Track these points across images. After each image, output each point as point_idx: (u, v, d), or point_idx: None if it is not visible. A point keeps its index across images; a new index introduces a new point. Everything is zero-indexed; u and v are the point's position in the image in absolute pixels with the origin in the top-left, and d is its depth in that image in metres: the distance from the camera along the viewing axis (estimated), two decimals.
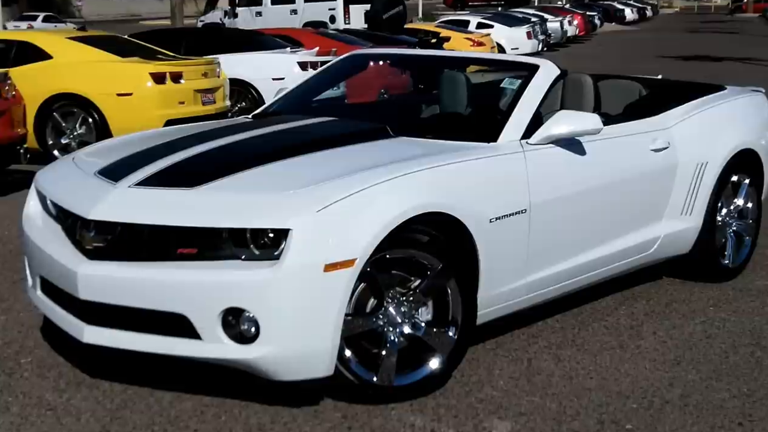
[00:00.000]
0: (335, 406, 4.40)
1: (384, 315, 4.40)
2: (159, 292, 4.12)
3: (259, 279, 3.99)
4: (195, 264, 4.12)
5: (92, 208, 4.31)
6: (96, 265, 4.27)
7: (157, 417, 4.30)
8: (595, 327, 5.52)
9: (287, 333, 4.05)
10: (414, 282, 4.46)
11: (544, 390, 4.63)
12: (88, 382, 4.64)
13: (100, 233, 4.31)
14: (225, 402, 4.44)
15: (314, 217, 4.02)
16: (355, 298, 4.26)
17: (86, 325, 4.34)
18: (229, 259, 4.10)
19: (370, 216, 4.13)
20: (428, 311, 4.54)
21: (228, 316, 4.08)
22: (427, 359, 4.51)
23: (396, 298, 4.42)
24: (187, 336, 4.14)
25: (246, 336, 4.10)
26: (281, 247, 4.01)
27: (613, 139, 5.47)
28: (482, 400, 4.51)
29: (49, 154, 10.84)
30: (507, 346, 5.18)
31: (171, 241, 4.17)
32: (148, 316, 4.17)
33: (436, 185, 4.44)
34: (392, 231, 4.18)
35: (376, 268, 4.26)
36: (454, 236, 4.51)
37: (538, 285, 5.07)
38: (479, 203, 4.58)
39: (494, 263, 4.70)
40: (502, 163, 4.81)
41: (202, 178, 4.36)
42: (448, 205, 4.42)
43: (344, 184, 4.19)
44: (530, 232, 4.86)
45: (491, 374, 4.80)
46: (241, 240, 4.08)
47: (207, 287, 4.06)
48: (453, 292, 4.52)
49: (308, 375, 4.16)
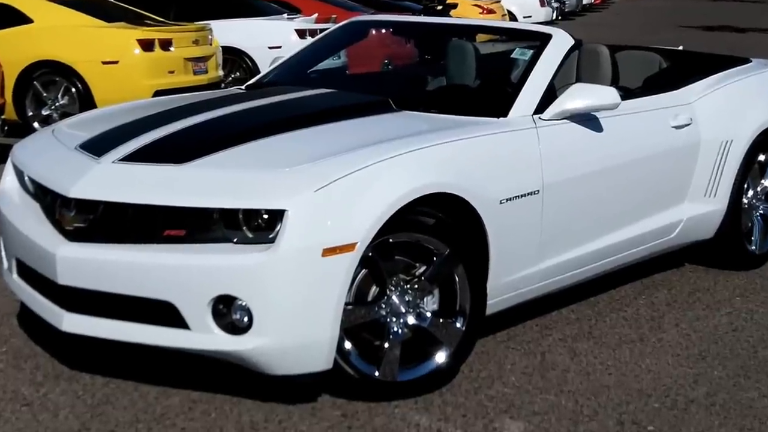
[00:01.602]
0: (334, 403, 4.32)
1: (387, 304, 4.31)
2: (144, 277, 4.03)
3: (252, 264, 3.90)
4: (183, 247, 4.02)
5: (73, 185, 4.22)
6: (76, 247, 4.17)
7: (142, 414, 4.21)
8: (613, 318, 5.43)
9: (283, 323, 3.96)
10: (419, 269, 4.37)
11: (559, 387, 4.55)
12: (68, 375, 4.55)
13: (81, 212, 4.21)
14: (215, 398, 4.35)
15: (312, 197, 3.92)
16: (355, 286, 4.18)
17: (66, 313, 4.25)
18: (219, 243, 4.00)
19: (373, 196, 4.04)
20: (434, 300, 4.45)
21: (219, 305, 3.99)
22: (432, 352, 4.42)
23: (399, 286, 4.33)
24: (175, 325, 4.04)
25: (238, 326, 4.00)
26: (276, 229, 3.91)
27: (631, 115, 5.37)
28: (492, 397, 4.42)
29: (29, 125, 10.71)
30: (519, 339, 5.10)
31: (157, 222, 4.07)
32: (132, 303, 4.08)
33: (442, 164, 4.35)
34: (396, 213, 4.08)
35: (379, 253, 4.17)
36: (462, 219, 4.41)
37: (552, 272, 4.98)
38: (489, 183, 4.49)
39: (505, 248, 4.61)
40: (513, 140, 4.72)
41: (192, 154, 4.27)
42: (456, 185, 4.32)
43: (344, 162, 4.09)
44: (543, 215, 4.77)
45: (502, 369, 4.72)
46: (233, 221, 3.99)
47: (196, 272, 3.96)
48: (461, 279, 4.43)
49: (305, 369, 4.07)
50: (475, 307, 4.49)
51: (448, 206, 4.35)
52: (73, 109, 10.49)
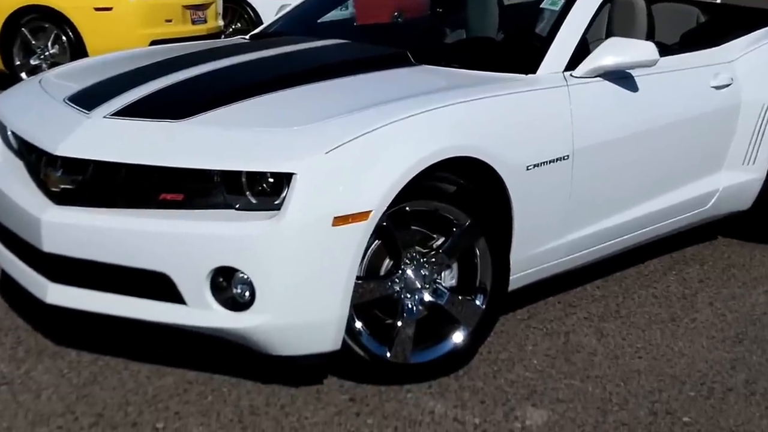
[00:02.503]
0: (341, 387, 4.10)
1: (401, 279, 4.09)
2: (137, 245, 3.80)
3: (255, 233, 3.66)
4: (180, 213, 3.78)
5: (60, 142, 3.98)
6: (63, 212, 3.94)
7: (132, 395, 4.00)
8: (642, 295, 5.21)
9: (287, 299, 3.73)
10: (437, 240, 4.15)
11: (586, 371, 4.33)
12: (52, 351, 4.33)
13: (68, 173, 3.98)
14: (212, 378, 4.14)
15: (322, 160, 3.67)
16: (367, 259, 3.96)
17: (50, 283, 4.03)
18: (220, 209, 3.77)
19: (389, 160, 3.79)
20: (452, 275, 4.23)
21: (218, 278, 3.76)
22: (449, 332, 4.21)
23: (415, 260, 4.11)
24: (169, 299, 3.82)
25: (239, 301, 3.78)
26: (282, 195, 3.67)
27: (669, 74, 5.11)
28: (513, 382, 4.20)
29: (16, 76, 10.51)
30: (540, 317, 4.88)
31: (153, 185, 3.83)
32: (123, 274, 3.84)
33: (466, 125, 4.10)
34: (414, 178, 3.84)
35: (394, 223, 3.95)
36: (484, 187, 4.18)
37: (579, 245, 4.76)
38: (515, 147, 4.24)
39: (530, 219, 4.38)
40: (542, 100, 4.46)
41: (191, 109, 4.02)
42: (480, 149, 4.08)
43: (359, 121, 3.84)
44: (573, 183, 4.53)
45: (523, 351, 4.50)
46: (235, 185, 3.75)
47: (194, 242, 3.72)
48: (482, 253, 4.20)
49: (311, 349, 3.85)
50: (497, 284, 4.26)
51: (471, 172, 4.11)
52: (63, 59, 10.28)
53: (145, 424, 3.80)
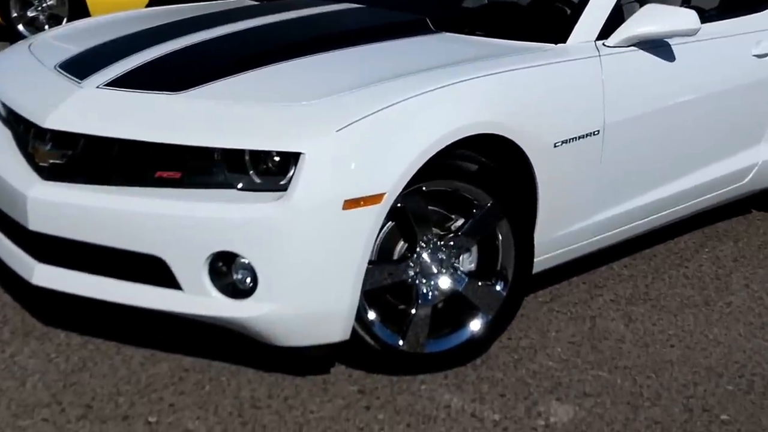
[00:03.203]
0: (350, 377, 3.89)
1: (416, 263, 3.86)
2: (130, 226, 3.57)
3: (259, 216, 3.43)
4: (177, 193, 3.55)
5: (49, 113, 3.75)
6: (51, 188, 3.72)
7: (123, 384, 3.79)
8: (673, 276, 4.97)
9: (293, 287, 3.50)
10: (456, 222, 3.93)
11: (614, 361, 4.11)
12: (40, 333, 4.13)
13: (57, 147, 3.75)
14: (210, 366, 3.92)
15: (333, 138, 3.44)
16: (380, 241, 3.74)
17: (37, 264, 3.82)
18: (221, 188, 3.53)
19: (406, 138, 3.55)
20: (472, 259, 4.01)
21: (217, 262, 3.54)
22: (467, 320, 3.99)
23: (432, 242, 3.88)
24: (164, 285, 3.60)
25: (239, 288, 3.56)
26: (289, 175, 3.44)
27: (707, 42, 4.84)
28: (536, 373, 3.98)
29: (13, 28, 10.31)
30: (564, 299, 4.65)
31: (148, 162, 3.60)
32: (114, 256, 3.62)
33: (489, 100, 3.84)
34: (432, 158, 3.61)
35: (410, 204, 3.72)
36: (508, 165, 3.94)
37: (609, 225, 4.53)
38: (543, 123, 3.99)
39: (557, 199, 4.15)
40: (572, 71, 4.19)
41: (191, 80, 3.79)
42: (504, 126, 3.84)
43: (373, 95, 3.60)
44: (603, 160, 4.28)
45: (546, 338, 4.27)
46: (237, 164, 3.51)
47: (191, 224, 3.49)
48: (504, 235, 3.97)
49: (318, 340, 3.64)
50: (520, 268, 4.03)
51: (494, 150, 3.87)
52: (61, 12, 10.14)
53: (137, 417, 3.60)
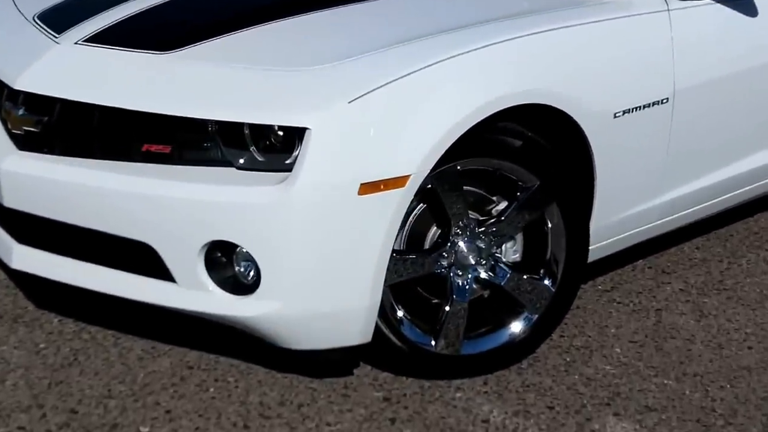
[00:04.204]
0: (374, 381, 3.46)
1: (450, 253, 3.40)
2: (113, 207, 3.14)
3: (260, 202, 2.98)
4: (167, 170, 3.11)
5: (21, 72, 3.32)
6: (25, 160, 3.30)
7: (116, 384, 3.39)
8: (751, 260, 4.46)
9: (301, 282, 3.07)
10: (497, 205, 3.47)
11: (682, 366, 3.63)
12: (30, 318, 3.74)
13: (31, 112, 3.32)
14: (217, 363, 3.51)
15: (345, 111, 2.97)
16: (409, 227, 3.32)
17: (16, 244, 3.43)
18: (217, 165, 3.09)
19: (435, 110, 3.08)
20: (515, 249, 3.57)
21: (214, 252, 3.11)
22: (509, 319, 3.55)
23: (469, 229, 3.41)
24: (155, 275, 3.18)
25: (241, 282, 3.14)
26: (295, 153, 2.99)
27: None
28: (590, 380, 3.52)
29: None
30: (626, 288, 4.16)
31: (133, 133, 3.16)
32: (99, 240, 3.20)
33: (536, 63, 3.35)
34: (467, 132, 3.13)
35: (442, 184, 3.26)
36: (560, 140, 3.46)
37: (676, 206, 4.04)
38: (601, 90, 3.50)
39: (617, 177, 3.66)
40: (636, 29, 3.67)
41: (182, 38, 3.32)
42: (555, 94, 3.35)
43: (394, 59, 3.12)
44: (672, 131, 3.78)
45: (604, 335, 3.81)
46: (236, 138, 3.06)
47: (183, 208, 3.05)
48: (554, 221, 3.50)
49: (334, 343, 3.22)
50: (572, 260, 3.56)
51: (542, 122, 3.40)
52: None
53: (128, 426, 3.21)
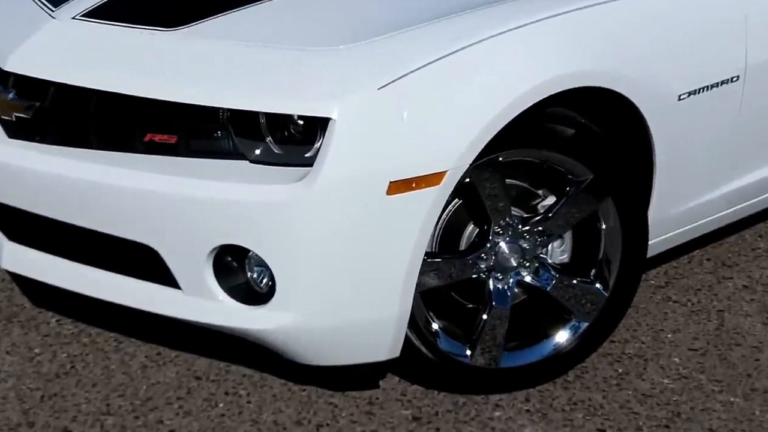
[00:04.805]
0: (402, 397, 3.14)
1: (490, 254, 3.07)
2: (111, 204, 2.83)
3: (276, 200, 2.65)
4: (172, 163, 2.79)
5: (12, 51, 3.00)
6: (15, 149, 2.99)
7: (116, 397, 3.10)
8: None
9: (321, 291, 2.75)
10: (543, 200, 3.14)
11: (750, 380, 3.28)
12: (26, 317, 3.48)
13: (22, 96, 3.00)
14: (228, 373, 3.22)
15: (375, 99, 2.64)
16: (442, 226, 3.00)
17: (6, 241, 3.14)
18: (228, 158, 2.77)
19: (475, 96, 2.74)
20: (564, 249, 3.24)
21: (225, 257, 2.80)
22: (554, 327, 3.23)
23: (511, 227, 3.07)
24: (158, 281, 2.87)
25: (255, 291, 2.84)
26: (316, 145, 2.66)
27: None
28: (646, 396, 3.19)
29: None
30: (683, 283, 3.81)
31: (135, 121, 2.84)
32: (96, 241, 2.90)
33: (591, 40, 2.99)
34: (513, 120, 2.79)
35: (481, 177, 2.92)
36: (616, 127, 3.11)
37: (745, 194, 3.68)
38: (663, 69, 3.13)
39: (680, 166, 3.31)
40: None
41: (190, 12, 2.98)
42: (611, 75, 2.99)
43: (429, 38, 2.78)
44: (742, 113, 3.42)
45: (659, 341, 3.46)
46: (250, 128, 2.73)
47: (189, 207, 2.74)
48: (608, 217, 3.16)
49: (358, 359, 2.91)
50: (629, 261, 3.22)
51: (597, 108, 3.05)
52: None
53: None
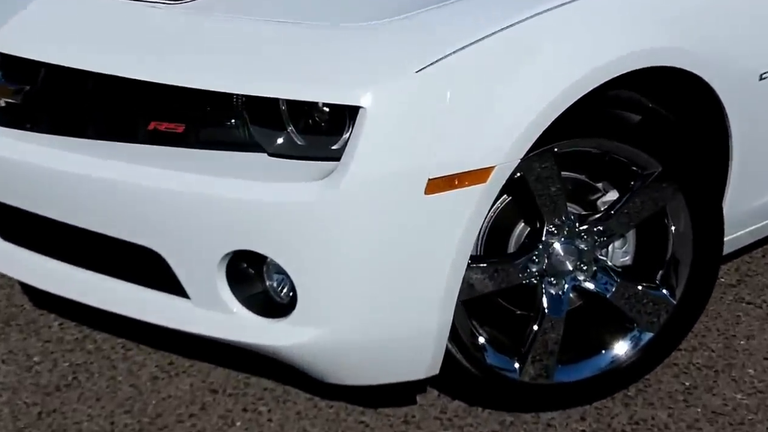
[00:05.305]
0: (441, 415, 2.83)
1: (542, 256, 2.74)
2: (110, 201, 2.51)
3: (298, 200, 2.32)
4: (179, 155, 2.47)
5: None
6: (4, 138, 2.69)
7: (121, 414, 2.81)
8: None
9: (349, 303, 2.43)
10: (603, 195, 2.82)
11: None
12: (26, 320, 3.22)
13: (10, 79, 2.71)
14: (247, 386, 2.92)
15: (412, 83, 2.30)
16: (488, 225, 2.68)
17: None
18: (244, 150, 2.45)
19: (529, 79, 2.41)
20: (626, 250, 2.92)
21: (239, 263, 2.48)
22: (614, 337, 2.90)
23: (567, 226, 2.74)
24: (163, 289, 2.57)
25: (274, 301, 2.53)
26: (344, 136, 2.33)
27: None
28: (717, 415, 2.87)
29: None
30: (755, 282, 3.47)
31: (138, 107, 2.53)
32: (94, 242, 2.59)
33: (660, 15, 2.65)
34: (572, 105, 2.46)
35: (534, 171, 2.59)
36: (688, 112, 2.77)
37: None
38: (742, 46, 2.79)
39: (761, 153, 2.97)
40: None
41: None
42: (686, 53, 2.65)
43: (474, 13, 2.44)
44: None
45: (732, 349, 3.12)
46: (268, 115, 2.41)
47: (198, 206, 2.41)
48: (678, 214, 2.82)
49: (393, 377, 2.60)
50: (701, 263, 2.88)
51: (666, 90, 2.72)
52: None
53: None
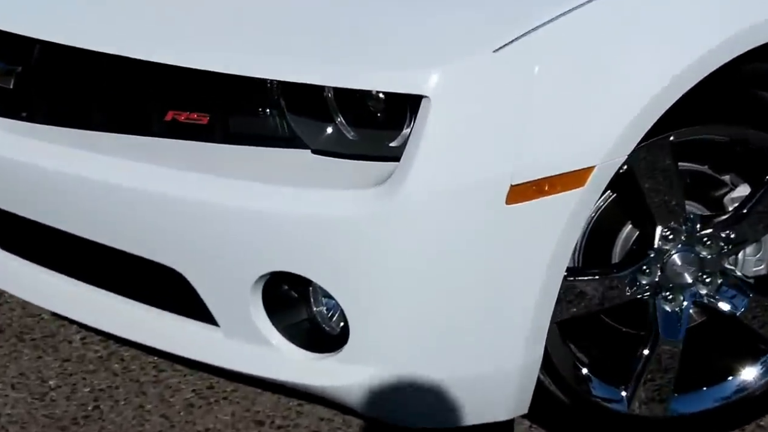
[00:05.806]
0: None
1: (654, 267, 2.32)
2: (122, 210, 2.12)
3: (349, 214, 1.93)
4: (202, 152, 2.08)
5: None
6: None
7: None
8: None
9: (414, 336, 2.04)
10: (731, 191, 2.42)
11: None
12: (41, 333, 2.90)
13: (6, 60, 2.34)
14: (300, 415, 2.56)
15: (489, 66, 1.90)
16: (588, 231, 2.29)
17: None
18: (281, 145, 2.07)
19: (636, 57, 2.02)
20: (761, 257, 2.49)
21: (280, 285, 2.09)
22: (741, 362, 2.52)
23: (686, 229, 2.32)
24: (189, 315, 2.19)
25: (321, 332, 2.14)
26: (405, 131, 1.94)
27: None
28: None
29: None
30: None
31: (153, 94, 2.14)
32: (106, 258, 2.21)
33: None
34: (693, 87, 2.06)
35: (644, 164, 2.20)
36: None
37: None
38: None
39: None
40: None
41: None
42: None
43: None
44: None
45: None
46: (311, 104, 2.01)
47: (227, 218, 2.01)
48: None
49: (467, 420, 2.19)
50: None
51: None
52: None
53: None
